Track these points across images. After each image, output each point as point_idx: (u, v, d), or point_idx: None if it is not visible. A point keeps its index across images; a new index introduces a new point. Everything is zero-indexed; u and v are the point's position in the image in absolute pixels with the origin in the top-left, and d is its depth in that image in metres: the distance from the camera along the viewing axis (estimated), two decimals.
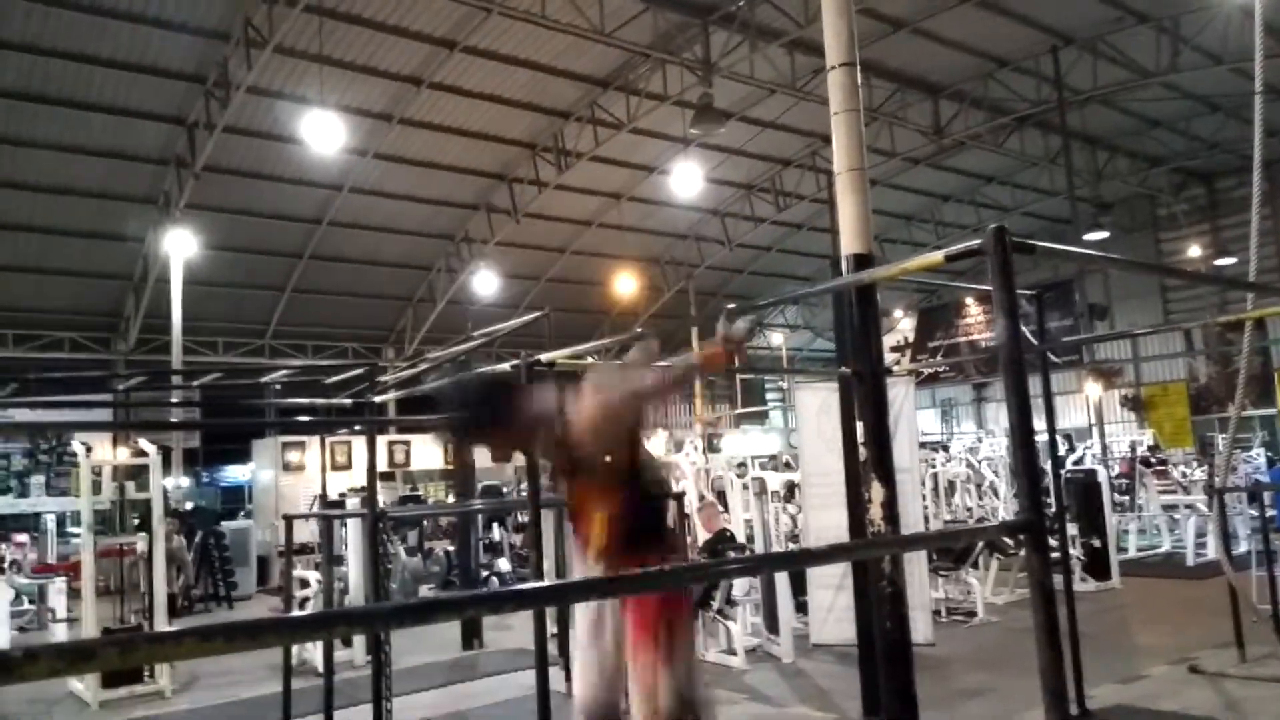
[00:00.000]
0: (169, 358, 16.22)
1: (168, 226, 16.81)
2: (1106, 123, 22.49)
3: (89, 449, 9.40)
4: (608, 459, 2.71)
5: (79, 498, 9.49)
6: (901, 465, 6.46)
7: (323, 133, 14.93)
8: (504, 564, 13.78)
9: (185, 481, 20.10)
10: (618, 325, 25.04)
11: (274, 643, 1.20)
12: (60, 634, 10.55)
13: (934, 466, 12.50)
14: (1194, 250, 26.65)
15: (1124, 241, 27.37)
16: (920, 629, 7.48)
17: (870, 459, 4.96)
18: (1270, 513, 9.16)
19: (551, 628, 8.43)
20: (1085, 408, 28.12)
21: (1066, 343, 17.57)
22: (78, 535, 11.15)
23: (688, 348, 26.34)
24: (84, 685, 8.01)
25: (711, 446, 24.53)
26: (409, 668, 8.42)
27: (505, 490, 17.64)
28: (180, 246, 16.31)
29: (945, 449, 16.72)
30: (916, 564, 7.99)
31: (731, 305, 3.61)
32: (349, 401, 5.24)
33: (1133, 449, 17.96)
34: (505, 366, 4.31)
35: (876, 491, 4.94)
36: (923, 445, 14.38)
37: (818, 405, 7.95)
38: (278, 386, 7.18)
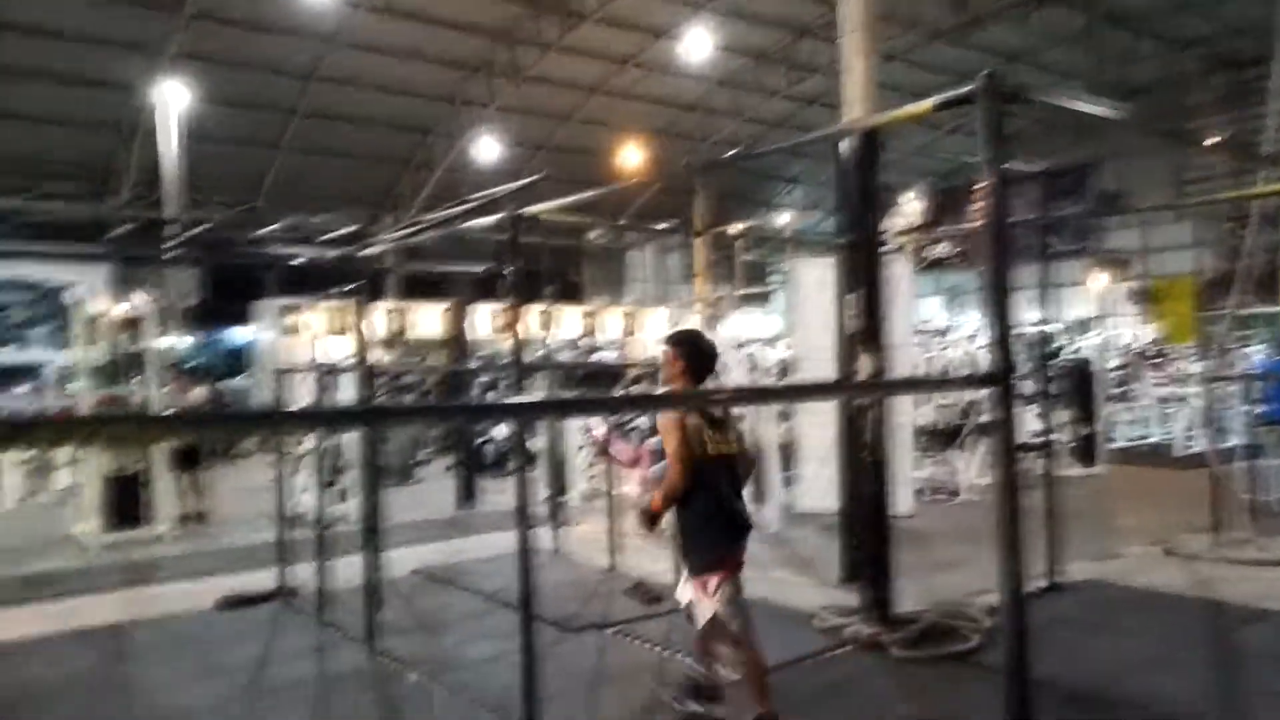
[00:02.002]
0: (160, 214, 16.03)
1: (159, 77, 16.28)
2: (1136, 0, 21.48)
3: (86, 301, 9.38)
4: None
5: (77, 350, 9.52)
6: (895, 343, 6.43)
7: None
8: (500, 429, 13.94)
9: (188, 339, 20.19)
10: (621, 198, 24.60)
11: (221, 433, 1.16)
12: (64, 480, 10.79)
13: (930, 351, 12.50)
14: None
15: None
16: (902, 502, 7.60)
17: (862, 331, 4.91)
18: (1260, 409, 9.13)
19: (546, 491, 8.62)
20: (1091, 300, 27.98)
21: (1067, 219, 17.26)
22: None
23: (691, 230, 26.03)
24: (84, 529, 8.23)
25: (712, 327, 24.49)
26: (404, 523, 8.63)
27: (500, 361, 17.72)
28: (174, 97, 15.85)
29: (943, 334, 16.67)
30: (902, 439, 8.06)
31: (729, 157, 3.57)
32: (338, 252, 5.16)
33: (1134, 341, 17.93)
34: (491, 220, 4.22)
35: (865, 364, 4.93)
36: (921, 331, 14.33)
37: (815, 280, 7.84)
38: (275, 247, 7.06)
